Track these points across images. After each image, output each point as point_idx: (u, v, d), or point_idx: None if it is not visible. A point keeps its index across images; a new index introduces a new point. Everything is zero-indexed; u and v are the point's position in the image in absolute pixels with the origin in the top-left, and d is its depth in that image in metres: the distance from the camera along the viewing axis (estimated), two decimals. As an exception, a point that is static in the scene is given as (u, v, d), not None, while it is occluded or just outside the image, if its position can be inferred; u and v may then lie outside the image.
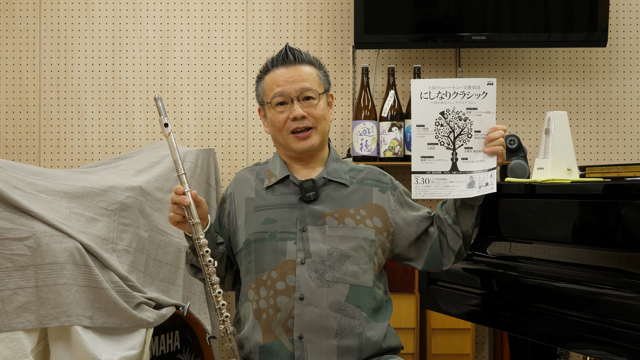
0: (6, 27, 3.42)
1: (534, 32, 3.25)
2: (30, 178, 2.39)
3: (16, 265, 2.22)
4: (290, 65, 1.92)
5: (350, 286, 1.84)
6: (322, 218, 1.88)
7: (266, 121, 1.99)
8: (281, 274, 1.84)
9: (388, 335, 1.89)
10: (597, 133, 3.45)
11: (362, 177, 1.97)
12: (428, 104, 1.84)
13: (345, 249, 1.85)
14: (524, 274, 2.07)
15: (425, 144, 1.85)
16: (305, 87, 1.91)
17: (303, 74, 1.92)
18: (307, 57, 1.95)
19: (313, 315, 1.80)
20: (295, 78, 1.91)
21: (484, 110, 1.83)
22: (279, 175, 1.95)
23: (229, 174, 3.43)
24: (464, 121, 1.83)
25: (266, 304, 1.84)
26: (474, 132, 1.83)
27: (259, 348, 1.84)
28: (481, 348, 3.39)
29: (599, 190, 1.97)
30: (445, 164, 1.84)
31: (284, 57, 1.93)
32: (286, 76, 1.91)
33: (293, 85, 1.90)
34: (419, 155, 1.85)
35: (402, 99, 3.34)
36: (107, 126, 3.43)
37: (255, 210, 1.92)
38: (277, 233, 1.87)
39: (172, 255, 2.68)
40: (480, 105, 1.83)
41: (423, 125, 1.85)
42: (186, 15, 3.44)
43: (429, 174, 1.85)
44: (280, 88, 1.91)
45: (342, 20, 3.44)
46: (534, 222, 2.19)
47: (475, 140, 1.83)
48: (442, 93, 1.84)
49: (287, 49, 1.94)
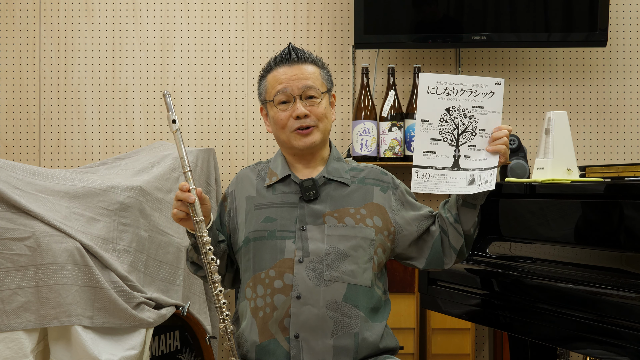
0: (6, 27, 3.42)
1: (534, 32, 3.25)
2: (30, 178, 2.39)
3: (16, 265, 2.22)
4: (293, 64, 1.92)
5: (348, 285, 1.84)
6: (321, 217, 1.88)
7: (268, 120, 1.99)
8: (279, 272, 1.84)
9: (385, 336, 1.89)
10: (597, 133, 3.45)
11: (363, 176, 1.97)
12: (434, 99, 1.84)
13: (344, 248, 1.85)
14: (524, 274, 2.07)
15: (429, 139, 1.85)
16: (308, 85, 1.91)
17: (306, 73, 1.92)
18: (310, 56, 1.95)
19: (310, 315, 1.81)
20: (298, 76, 1.91)
21: (490, 110, 1.84)
22: (280, 175, 1.95)
23: (229, 174, 3.43)
24: (469, 119, 1.83)
25: (263, 302, 1.84)
26: (479, 130, 1.84)
27: (255, 347, 1.84)
28: (481, 348, 3.39)
29: (599, 190, 1.97)
30: (447, 160, 1.84)
31: (287, 55, 1.93)
32: (289, 74, 1.91)
33: (296, 84, 1.90)
34: (421, 150, 1.85)
35: (402, 99, 3.34)
36: (107, 126, 3.43)
37: (255, 208, 1.93)
38: (276, 232, 1.87)
39: (172, 255, 2.68)
40: (486, 104, 1.83)
41: (427, 120, 1.84)
42: (186, 15, 3.44)
43: (429, 168, 1.85)
44: (282, 85, 1.91)
45: (342, 20, 3.44)
46: (534, 222, 2.19)
47: (479, 139, 1.83)
48: (449, 89, 1.84)
49: (290, 47, 1.94)
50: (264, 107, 2.00)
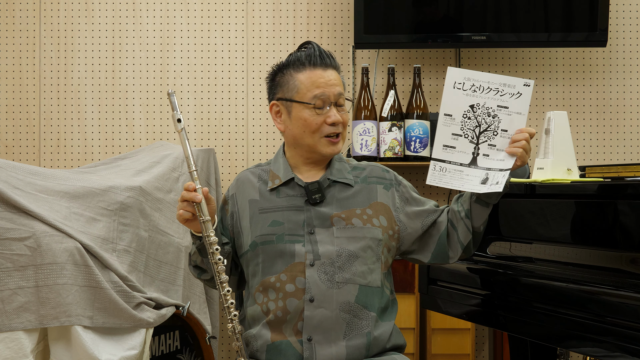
0: (6, 27, 3.42)
1: (533, 32, 3.25)
2: (30, 178, 2.39)
3: (16, 265, 2.22)
4: (328, 69, 1.90)
5: (360, 287, 1.84)
6: (329, 220, 1.87)
7: (281, 118, 1.94)
8: (290, 276, 1.83)
9: (394, 334, 1.90)
10: (597, 133, 3.45)
11: (366, 175, 1.96)
12: (460, 95, 1.83)
13: (354, 249, 1.85)
14: (524, 274, 2.07)
15: (450, 133, 1.84)
16: (341, 93, 1.90)
17: (338, 79, 1.91)
18: (334, 61, 1.93)
19: (323, 317, 1.80)
20: (333, 82, 1.89)
21: (515, 111, 1.82)
22: (283, 178, 1.93)
23: (229, 174, 3.43)
24: (493, 118, 1.83)
25: (275, 306, 1.83)
26: (501, 130, 1.83)
27: (266, 346, 1.83)
28: (481, 348, 3.39)
29: (599, 190, 1.97)
30: (465, 156, 1.84)
31: (322, 57, 1.89)
32: (325, 79, 1.88)
33: (332, 90, 1.88)
34: (441, 144, 1.85)
35: (402, 99, 3.34)
36: (107, 126, 3.43)
37: (260, 212, 1.91)
38: (284, 235, 1.86)
39: (172, 255, 2.68)
40: (512, 105, 1.82)
41: (450, 115, 1.84)
42: (186, 15, 3.44)
43: (447, 163, 1.85)
44: (320, 90, 1.87)
45: (342, 20, 3.44)
46: (534, 222, 2.18)
47: (500, 139, 1.83)
48: (475, 86, 1.83)
49: (320, 49, 1.91)
50: (280, 103, 1.93)
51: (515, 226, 2.27)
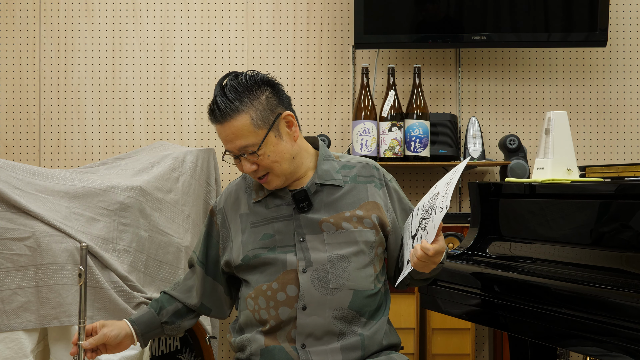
0: (6, 27, 3.42)
1: (533, 32, 3.25)
2: (30, 178, 2.39)
3: (16, 265, 2.22)
4: (224, 123, 1.81)
5: (354, 292, 1.83)
6: (318, 226, 1.85)
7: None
8: (282, 284, 1.82)
9: (388, 332, 1.89)
10: (597, 133, 3.45)
11: (355, 173, 1.93)
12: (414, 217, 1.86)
13: (346, 254, 1.83)
14: (524, 274, 2.07)
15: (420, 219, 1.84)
16: (242, 146, 1.80)
17: (235, 131, 1.79)
18: (231, 107, 1.78)
19: (316, 325, 1.80)
20: (229, 137, 1.81)
21: (433, 222, 1.74)
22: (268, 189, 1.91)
23: (229, 174, 3.43)
24: (425, 219, 1.79)
25: (267, 315, 1.83)
26: (427, 228, 1.77)
27: (260, 350, 1.83)
28: (481, 348, 3.39)
29: (599, 190, 1.97)
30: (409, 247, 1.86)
31: (214, 113, 1.82)
32: (223, 135, 1.82)
33: (231, 145, 1.82)
34: None
35: (402, 99, 3.34)
36: (107, 126, 3.43)
37: (252, 226, 1.89)
38: (276, 247, 1.85)
39: (172, 255, 2.68)
40: (434, 218, 1.75)
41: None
42: (186, 15, 3.44)
43: None
44: (225, 146, 1.84)
45: (342, 20, 3.44)
46: (534, 222, 2.19)
47: (425, 233, 1.77)
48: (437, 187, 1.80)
49: (215, 103, 1.80)
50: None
51: (515, 226, 2.27)
